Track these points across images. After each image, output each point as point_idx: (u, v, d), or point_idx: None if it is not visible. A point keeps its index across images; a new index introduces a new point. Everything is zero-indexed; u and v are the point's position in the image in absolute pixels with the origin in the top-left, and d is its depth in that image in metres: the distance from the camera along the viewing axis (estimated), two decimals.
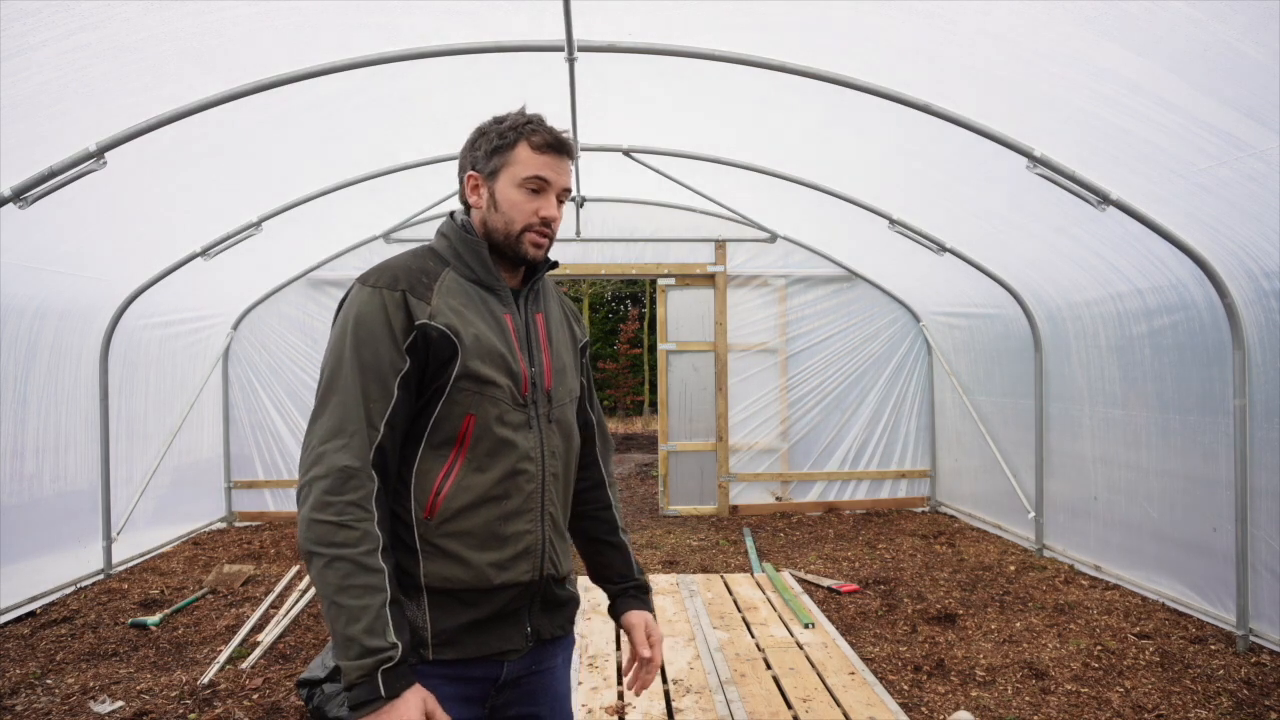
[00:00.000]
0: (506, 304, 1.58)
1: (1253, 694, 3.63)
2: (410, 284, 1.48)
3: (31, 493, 4.97)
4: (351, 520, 1.36)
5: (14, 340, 4.78)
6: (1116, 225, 4.40)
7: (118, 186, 4.26)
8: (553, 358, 1.63)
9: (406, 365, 1.44)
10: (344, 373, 1.43)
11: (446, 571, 1.46)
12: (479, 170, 1.58)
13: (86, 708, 3.63)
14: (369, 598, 1.34)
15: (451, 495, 1.47)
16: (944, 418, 7.74)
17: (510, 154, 1.54)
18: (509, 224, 1.55)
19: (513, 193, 1.54)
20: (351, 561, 1.34)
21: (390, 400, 1.43)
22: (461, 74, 4.14)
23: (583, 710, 3.46)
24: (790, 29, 3.71)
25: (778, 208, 6.95)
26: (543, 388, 1.58)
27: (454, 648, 1.48)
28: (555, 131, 1.56)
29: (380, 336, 1.43)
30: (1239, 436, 4.17)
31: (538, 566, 1.55)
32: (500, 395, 1.50)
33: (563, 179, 1.58)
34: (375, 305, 1.45)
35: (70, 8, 2.93)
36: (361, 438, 1.40)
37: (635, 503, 8.82)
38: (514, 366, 1.53)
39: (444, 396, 1.47)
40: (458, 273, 1.55)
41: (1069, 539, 5.81)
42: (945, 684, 3.82)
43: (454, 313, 1.49)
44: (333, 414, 1.41)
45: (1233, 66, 3.02)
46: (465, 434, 1.48)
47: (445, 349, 1.46)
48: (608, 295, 26.45)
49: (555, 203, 1.57)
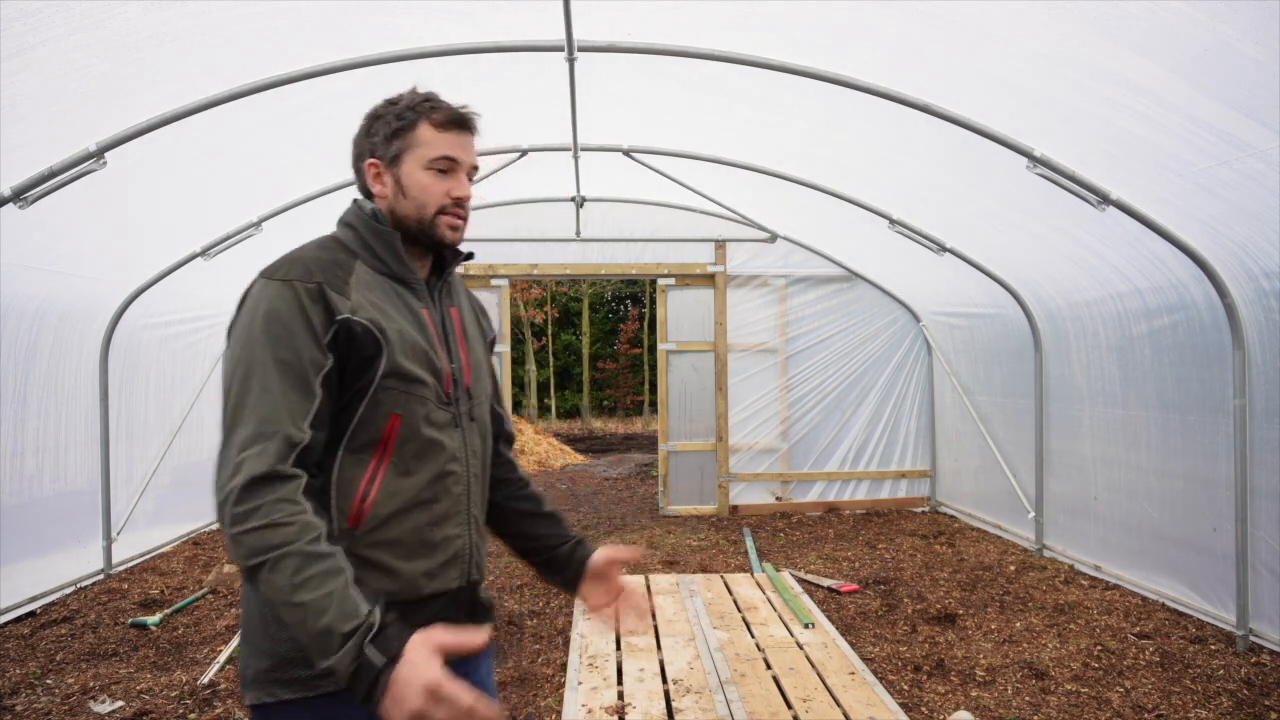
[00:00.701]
0: (422, 298, 1.50)
1: (1253, 694, 3.63)
2: (326, 276, 1.37)
3: (31, 493, 4.96)
4: (282, 517, 1.24)
5: (14, 340, 4.78)
6: (1116, 225, 4.40)
7: (118, 186, 4.26)
8: (470, 354, 1.57)
9: (328, 363, 1.33)
10: (258, 374, 1.30)
11: (375, 584, 1.35)
12: (380, 156, 1.49)
13: (86, 708, 3.63)
14: (329, 583, 1.22)
15: (379, 502, 1.37)
16: (944, 418, 7.74)
17: (412, 135, 1.46)
18: (421, 209, 1.47)
19: (421, 175, 1.46)
20: (298, 554, 1.22)
21: (314, 401, 1.32)
22: (461, 74, 4.15)
23: (583, 710, 3.46)
24: (790, 29, 3.71)
25: (778, 208, 6.95)
26: (463, 385, 1.52)
27: None
28: (456, 108, 1.49)
29: (297, 332, 1.32)
30: (1239, 436, 4.17)
31: (465, 572, 1.48)
32: (427, 394, 1.42)
33: (470, 156, 1.50)
34: (288, 299, 1.33)
35: (70, 8, 2.93)
36: (282, 441, 1.28)
37: (635, 503, 8.82)
38: (437, 364, 1.46)
39: (367, 397, 1.37)
40: (368, 265, 1.45)
41: (1069, 539, 5.81)
42: (945, 684, 3.82)
43: (374, 307, 1.39)
44: (250, 419, 1.28)
45: (1233, 66, 3.02)
46: (390, 436, 1.39)
47: (369, 346, 1.36)
48: (608, 295, 26.45)
49: (466, 181, 1.50)
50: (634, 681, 3.76)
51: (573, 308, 25.99)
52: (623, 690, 3.67)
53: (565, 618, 4.79)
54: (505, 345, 7.84)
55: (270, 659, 1.36)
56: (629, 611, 1.68)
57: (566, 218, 7.70)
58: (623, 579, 1.68)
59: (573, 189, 7.09)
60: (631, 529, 7.36)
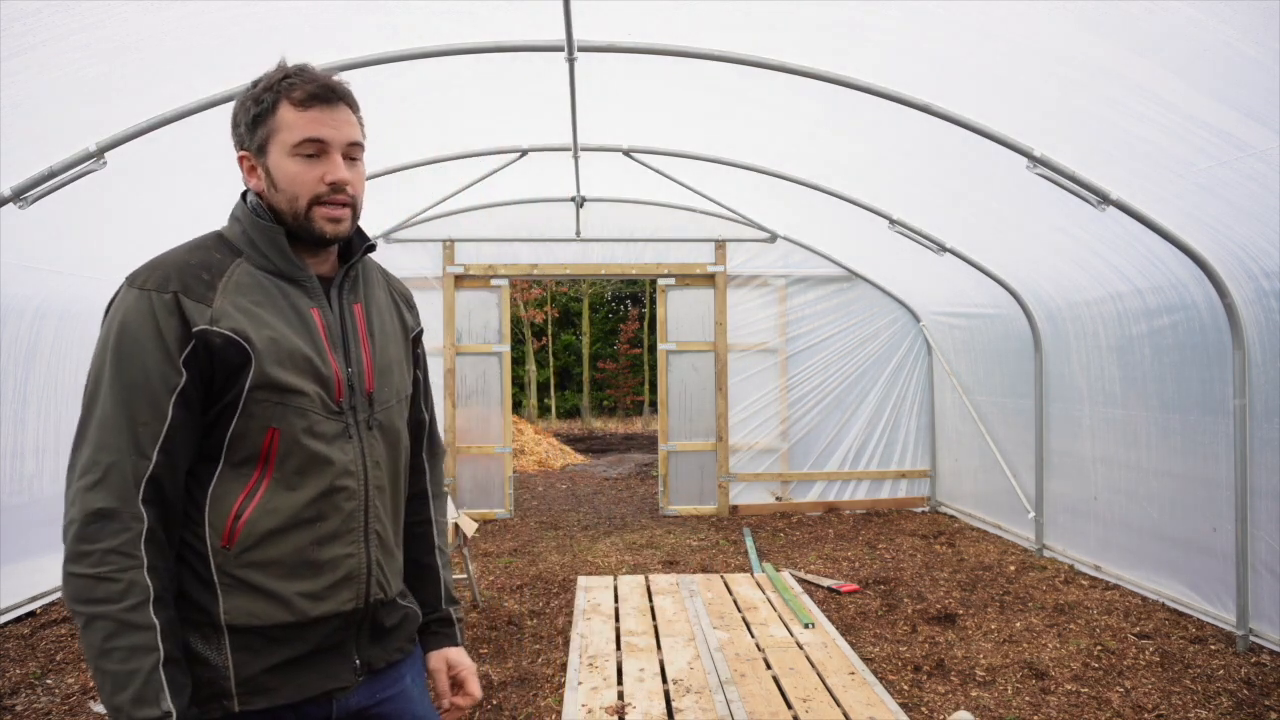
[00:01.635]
0: (314, 297, 1.36)
1: (1253, 694, 3.63)
2: (184, 284, 1.26)
3: (31, 493, 4.96)
4: (111, 572, 1.16)
5: (14, 340, 4.78)
6: (1116, 225, 4.40)
7: (118, 186, 4.26)
8: (375, 354, 1.42)
9: (182, 380, 1.23)
10: (103, 394, 1.22)
11: (250, 607, 1.26)
12: (248, 148, 1.35)
13: (86, 708, 3.63)
14: (136, 660, 1.15)
15: (254, 519, 1.27)
16: (944, 418, 7.74)
17: (273, 120, 1.31)
18: (293, 201, 1.32)
19: (287, 164, 1.31)
20: (113, 620, 1.16)
21: (164, 422, 1.22)
22: (461, 74, 4.14)
23: (583, 710, 3.46)
24: (790, 29, 3.71)
25: (778, 208, 6.95)
26: (362, 390, 1.38)
27: (265, 695, 1.28)
28: (317, 77, 1.32)
29: (148, 349, 1.22)
30: (1239, 436, 4.17)
31: (362, 594, 1.35)
32: (308, 404, 1.30)
33: (344, 132, 1.33)
34: (141, 311, 1.23)
35: (70, 8, 2.93)
36: (122, 472, 1.20)
37: (635, 503, 8.83)
38: (323, 370, 1.32)
39: (239, 411, 1.27)
40: (252, 264, 1.33)
41: (1069, 539, 5.81)
42: (945, 684, 3.82)
43: (243, 313, 1.27)
44: (90, 445, 1.21)
45: (1233, 66, 3.02)
46: (269, 450, 1.28)
47: (233, 357, 1.25)
48: (608, 295, 26.46)
49: (341, 162, 1.33)
50: (634, 681, 3.76)
51: (573, 308, 25.99)
52: (623, 690, 3.67)
53: (565, 618, 4.79)
54: (505, 345, 7.84)
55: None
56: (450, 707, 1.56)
57: (566, 218, 7.70)
58: (456, 697, 1.56)
59: (573, 189, 7.09)
60: (631, 529, 7.36)
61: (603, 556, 6.33)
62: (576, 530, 7.37)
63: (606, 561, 6.17)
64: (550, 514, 8.20)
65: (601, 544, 6.77)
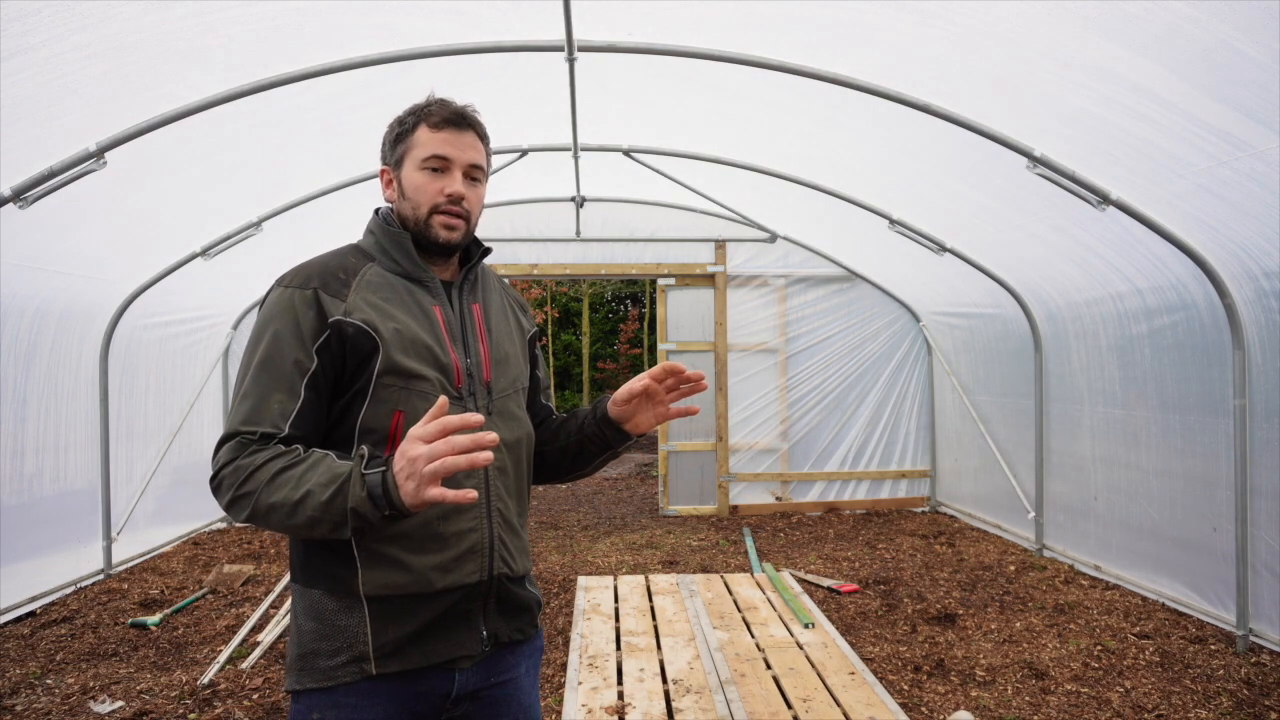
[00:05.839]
0: (436, 296, 1.53)
1: (1253, 694, 3.63)
2: (323, 281, 1.44)
3: (31, 493, 4.96)
4: (263, 460, 1.33)
5: (14, 340, 4.78)
6: (1116, 225, 4.40)
7: (118, 186, 4.26)
8: (492, 348, 1.57)
9: (314, 365, 1.39)
10: (249, 377, 1.40)
11: (386, 578, 1.40)
12: (388, 163, 1.56)
13: (86, 708, 3.63)
14: (317, 467, 1.30)
15: None
16: (944, 418, 7.74)
17: (411, 139, 1.51)
18: (416, 208, 1.51)
19: (415, 176, 1.50)
20: (279, 469, 1.31)
21: (297, 401, 1.38)
22: (461, 74, 4.14)
23: (583, 710, 3.46)
24: (790, 29, 3.71)
25: (778, 208, 6.95)
26: (480, 379, 1.53)
27: (399, 659, 1.41)
28: (453, 106, 1.52)
29: (286, 337, 1.39)
30: (1239, 436, 4.17)
31: (485, 566, 1.48)
32: (429, 389, 1.44)
33: (467, 154, 1.52)
34: (284, 305, 1.41)
35: (70, 8, 2.93)
36: (265, 431, 1.37)
37: (635, 503, 8.82)
38: (443, 359, 1.48)
39: (369, 395, 1.42)
40: (383, 267, 1.52)
41: (1069, 539, 5.81)
42: (945, 684, 3.82)
43: (372, 307, 1.44)
44: (236, 414, 1.38)
45: (1233, 66, 3.02)
46: (396, 432, 1.42)
47: (363, 345, 1.41)
48: (608, 295, 26.44)
49: (460, 179, 1.51)
50: (634, 681, 3.76)
51: (573, 308, 25.98)
52: (623, 690, 3.67)
53: (565, 618, 4.79)
54: None
55: (298, 649, 1.45)
56: (689, 386, 1.57)
57: (566, 218, 7.70)
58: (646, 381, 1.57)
59: (573, 189, 7.09)
60: (632, 529, 7.36)
61: (603, 556, 6.33)
62: (576, 530, 7.37)
63: (606, 561, 6.17)
64: (550, 514, 8.20)
65: (601, 544, 6.77)
